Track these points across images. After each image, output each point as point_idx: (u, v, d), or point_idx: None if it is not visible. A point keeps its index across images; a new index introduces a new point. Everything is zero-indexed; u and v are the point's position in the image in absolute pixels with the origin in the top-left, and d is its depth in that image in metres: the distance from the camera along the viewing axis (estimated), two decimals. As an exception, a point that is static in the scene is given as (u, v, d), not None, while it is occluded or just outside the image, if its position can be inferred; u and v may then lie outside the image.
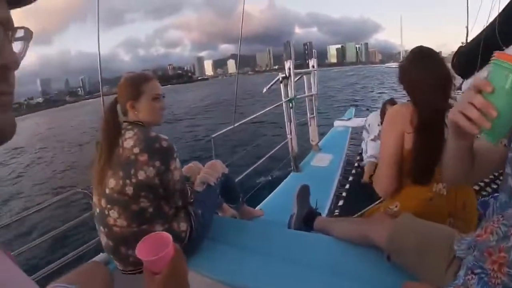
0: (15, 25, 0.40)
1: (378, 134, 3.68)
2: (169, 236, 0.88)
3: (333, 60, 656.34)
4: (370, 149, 3.68)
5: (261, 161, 3.66)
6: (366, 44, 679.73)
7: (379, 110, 3.75)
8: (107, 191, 1.50)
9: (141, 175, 1.45)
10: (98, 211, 1.58)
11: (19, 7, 0.43)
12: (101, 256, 1.81)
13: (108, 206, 1.51)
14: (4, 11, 0.39)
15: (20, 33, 0.41)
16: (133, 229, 1.50)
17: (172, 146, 1.53)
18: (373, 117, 3.87)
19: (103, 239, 1.59)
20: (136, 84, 1.59)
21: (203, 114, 21.18)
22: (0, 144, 0.41)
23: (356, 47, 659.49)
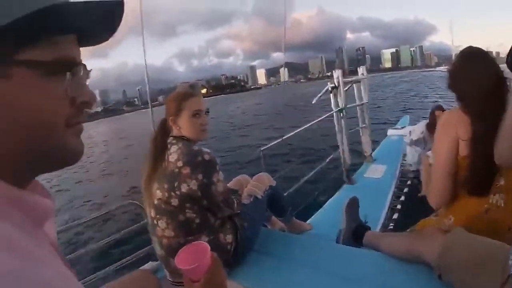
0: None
1: (417, 139, 3.71)
2: (207, 246, 0.91)
3: (388, 64, 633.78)
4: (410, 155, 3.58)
5: (312, 173, 3.60)
6: (421, 47, 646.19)
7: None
8: (156, 201, 1.58)
9: (184, 188, 1.52)
10: (149, 221, 1.67)
11: (89, 45, 0.50)
12: (150, 265, 1.90)
13: (157, 216, 1.59)
14: (79, 52, 0.45)
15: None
16: (180, 239, 1.55)
17: (214, 159, 1.58)
18: (419, 125, 3.79)
19: (157, 248, 1.68)
20: (177, 100, 1.66)
21: (254, 125, 21.29)
22: (72, 164, 0.47)
23: (411, 51, 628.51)
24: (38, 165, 0.45)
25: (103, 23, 0.46)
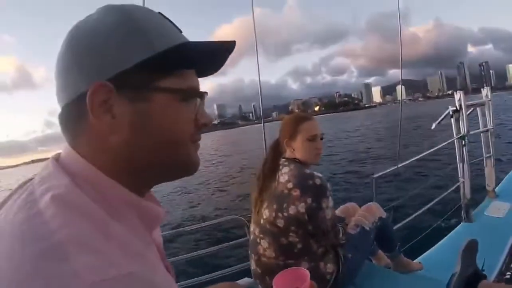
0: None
1: None
2: (307, 273, 0.90)
3: None
4: None
5: (427, 207, 3.32)
6: None
7: None
8: (262, 221, 1.61)
9: (292, 210, 1.53)
10: (251, 238, 1.72)
11: (205, 76, 0.58)
12: (245, 281, 1.94)
13: (261, 235, 1.64)
14: (199, 82, 0.54)
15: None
16: (279, 262, 1.57)
17: (326, 184, 1.57)
18: None
19: (252, 265, 1.73)
20: (293, 123, 1.71)
21: (364, 148, 20.36)
22: (191, 174, 0.55)
23: None
24: (162, 175, 0.53)
25: (216, 60, 0.56)
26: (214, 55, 0.55)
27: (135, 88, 0.46)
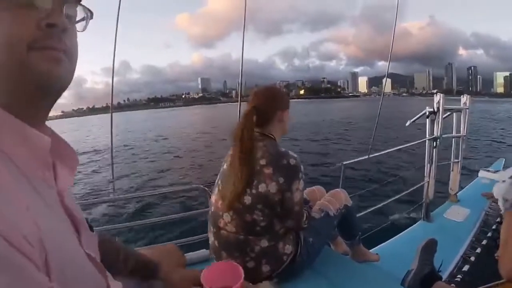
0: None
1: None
2: (241, 271, 0.86)
3: (500, 89, 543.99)
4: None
5: (389, 200, 3.36)
6: None
7: None
8: (228, 194, 1.53)
9: (262, 188, 1.46)
10: (212, 210, 1.64)
11: None
12: (202, 252, 1.90)
13: (224, 208, 1.55)
14: None
15: (81, 14, 0.53)
16: (240, 236, 1.51)
17: (300, 166, 1.50)
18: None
19: (211, 238, 1.66)
20: (287, 95, 1.69)
21: (340, 135, 20.72)
22: (46, 89, 0.48)
23: None
24: (19, 93, 0.46)
25: None
26: None
27: None
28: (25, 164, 0.44)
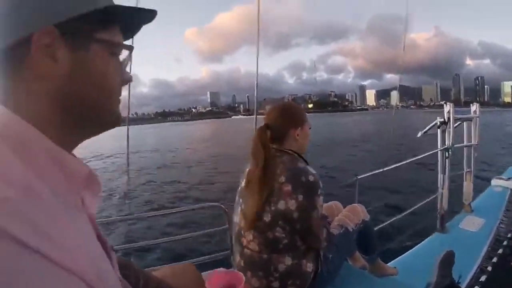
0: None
1: None
2: (242, 278, 0.89)
3: (507, 99, 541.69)
4: None
5: (404, 213, 3.36)
6: None
7: None
8: (248, 212, 1.55)
9: (281, 205, 1.46)
10: (236, 230, 1.66)
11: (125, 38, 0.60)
12: (220, 270, 1.90)
13: (246, 227, 1.57)
14: (120, 38, 0.57)
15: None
16: (263, 255, 1.52)
17: (319, 182, 1.50)
18: None
19: (237, 257, 1.66)
20: (302, 111, 1.69)
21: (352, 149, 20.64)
22: (114, 127, 0.58)
23: None
24: (91, 125, 0.55)
25: (140, 21, 0.60)
26: (139, 17, 0.59)
27: (77, 36, 0.49)
28: (63, 191, 0.46)
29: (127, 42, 0.61)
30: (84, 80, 0.50)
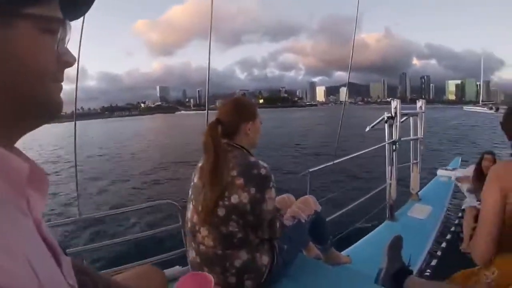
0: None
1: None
2: (211, 280, 0.89)
3: (451, 97, 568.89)
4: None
5: (355, 204, 3.48)
6: (488, 81, 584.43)
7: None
8: (201, 208, 1.53)
9: (234, 199, 1.45)
10: (189, 226, 1.63)
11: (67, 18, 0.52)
12: (177, 269, 1.88)
13: (200, 223, 1.54)
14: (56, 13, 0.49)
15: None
16: (218, 251, 1.50)
17: (270, 175, 1.51)
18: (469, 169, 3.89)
19: (192, 254, 1.63)
20: (254, 106, 1.67)
21: (301, 142, 21.12)
22: (52, 118, 0.51)
23: (477, 84, 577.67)
24: (22, 116, 0.46)
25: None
26: None
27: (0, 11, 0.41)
28: (2, 194, 0.41)
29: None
30: (8, 62, 0.43)
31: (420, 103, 4.46)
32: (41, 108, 0.48)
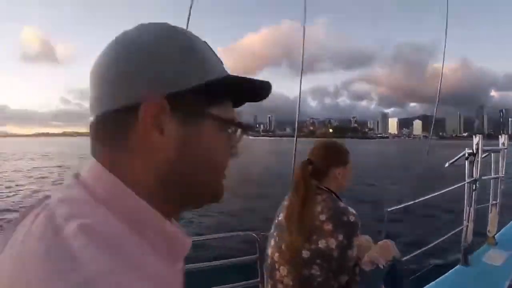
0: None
1: None
2: None
3: None
4: None
5: (428, 247, 3.35)
6: None
7: None
8: (283, 247, 1.57)
9: (322, 244, 1.45)
10: (269, 262, 1.67)
11: (240, 105, 0.57)
12: None
13: (280, 261, 1.58)
14: (233, 113, 0.54)
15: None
16: None
17: (358, 222, 1.51)
18: None
19: None
20: (346, 151, 1.68)
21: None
22: (217, 202, 0.54)
23: None
24: (193, 200, 0.52)
25: (255, 96, 0.57)
26: (254, 91, 0.56)
27: (187, 110, 0.46)
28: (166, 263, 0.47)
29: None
30: (192, 156, 0.47)
31: (502, 139, 4.14)
32: (212, 196, 0.53)
